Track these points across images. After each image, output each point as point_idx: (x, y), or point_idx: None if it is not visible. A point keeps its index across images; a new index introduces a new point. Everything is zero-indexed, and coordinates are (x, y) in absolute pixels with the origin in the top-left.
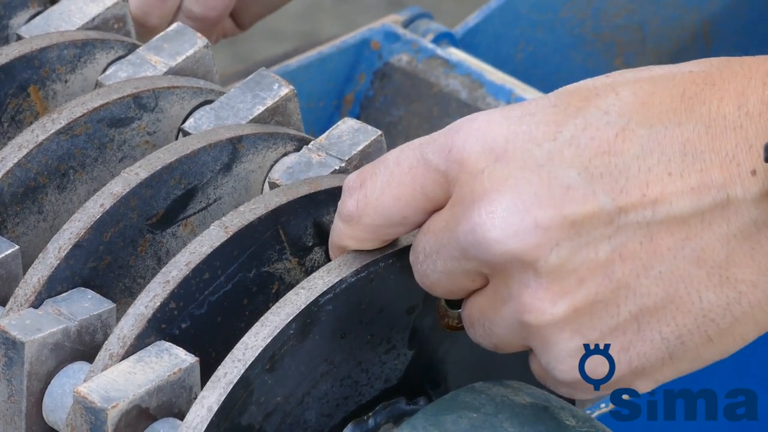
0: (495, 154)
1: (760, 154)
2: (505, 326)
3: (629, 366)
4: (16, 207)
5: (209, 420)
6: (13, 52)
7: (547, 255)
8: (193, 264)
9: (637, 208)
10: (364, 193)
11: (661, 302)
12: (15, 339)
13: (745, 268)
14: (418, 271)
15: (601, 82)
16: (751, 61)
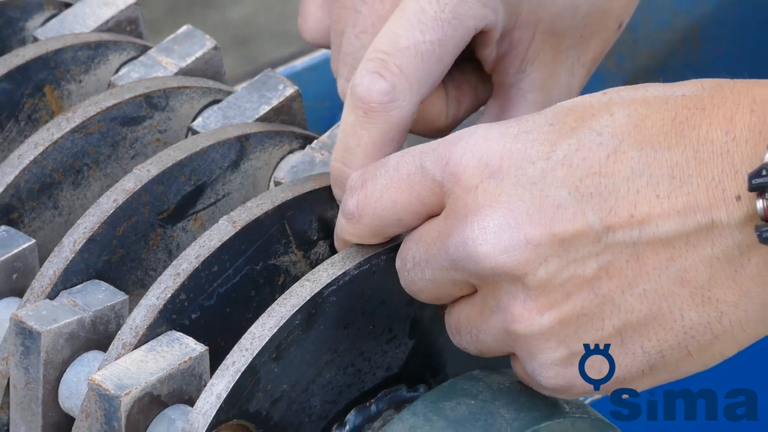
0: (490, 171)
1: (745, 180)
2: (492, 334)
3: (613, 377)
4: (32, 202)
5: (218, 406)
6: (29, 54)
7: (536, 270)
8: (203, 257)
9: (625, 228)
10: (364, 194)
11: (645, 318)
12: (32, 329)
13: (726, 290)
14: (405, 278)
15: (598, 100)
16: (741, 86)
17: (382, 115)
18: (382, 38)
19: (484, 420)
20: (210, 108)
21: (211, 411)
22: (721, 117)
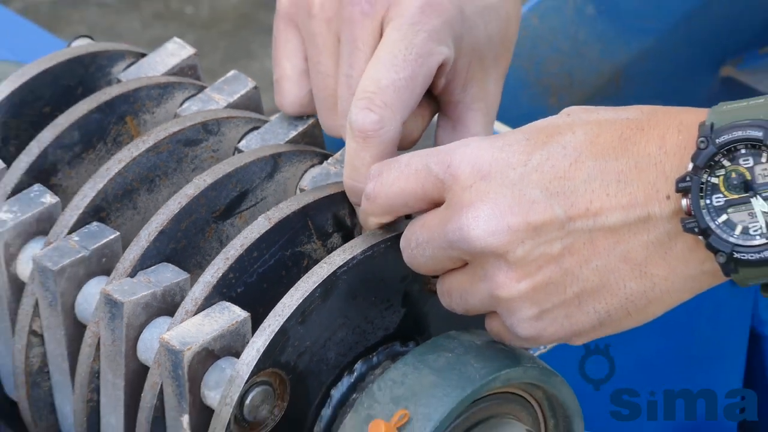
0: (481, 174)
1: (673, 184)
2: (479, 297)
3: (570, 329)
4: (117, 204)
5: (258, 358)
6: (114, 92)
7: (516, 249)
8: (246, 245)
9: (583, 219)
10: (380, 181)
11: (596, 287)
12: (116, 300)
13: (658, 266)
14: (408, 255)
15: (563, 121)
16: (671, 111)
17: (375, 139)
18: (366, 81)
19: (459, 369)
20: (251, 133)
21: (252, 362)
22: (655, 136)
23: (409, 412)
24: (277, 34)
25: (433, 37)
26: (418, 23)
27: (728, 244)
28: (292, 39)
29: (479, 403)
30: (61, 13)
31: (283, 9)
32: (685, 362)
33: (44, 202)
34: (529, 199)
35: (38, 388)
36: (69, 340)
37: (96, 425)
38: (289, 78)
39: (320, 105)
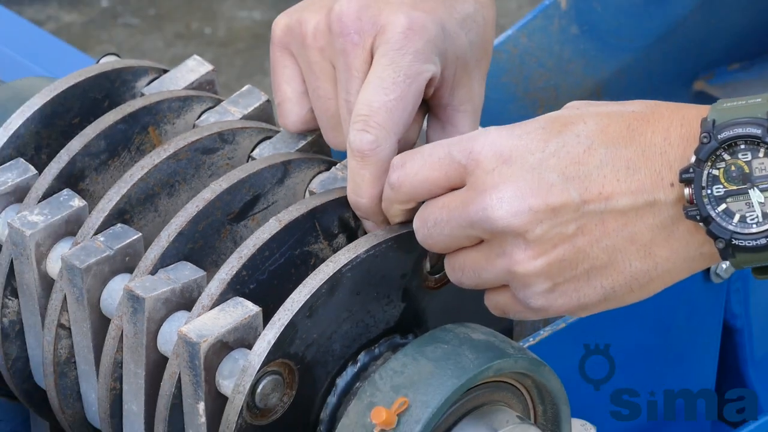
0: (503, 159)
1: (677, 173)
2: (495, 273)
3: (578, 302)
4: (139, 207)
5: (268, 350)
6: (138, 104)
7: (534, 228)
8: (258, 245)
9: (595, 202)
10: (404, 171)
11: (605, 264)
12: (138, 296)
13: (662, 248)
14: (423, 234)
15: (574, 112)
16: (673, 106)
17: (373, 158)
18: (360, 105)
19: (454, 359)
20: (264, 142)
21: (263, 353)
22: (660, 128)
23: (409, 400)
24: (274, 61)
25: (419, 57)
26: (403, 47)
27: (727, 231)
28: (289, 65)
29: (473, 391)
30: (91, 33)
31: (278, 38)
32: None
33: (73, 206)
34: (548, 183)
35: (65, 378)
36: (94, 332)
37: (119, 412)
38: (290, 100)
39: (324, 125)
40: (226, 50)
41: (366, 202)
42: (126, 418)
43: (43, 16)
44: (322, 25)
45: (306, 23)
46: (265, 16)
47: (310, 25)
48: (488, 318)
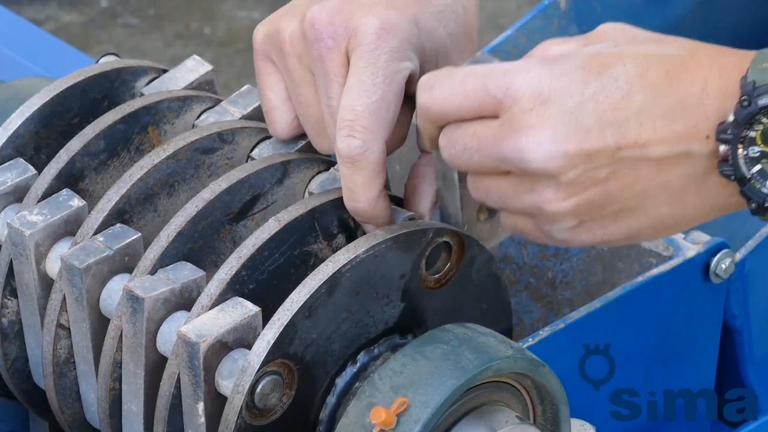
0: (541, 100)
1: (713, 125)
2: (521, 205)
3: (601, 239)
4: (139, 207)
5: (268, 350)
6: (137, 104)
7: (568, 172)
8: (257, 245)
9: (631, 148)
10: (432, 95)
11: (634, 208)
12: (138, 296)
13: (692, 196)
14: (450, 154)
15: (612, 50)
16: (712, 53)
17: (363, 161)
18: (343, 110)
19: (454, 359)
20: (263, 142)
21: (262, 353)
22: (699, 77)
23: (408, 400)
24: (258, 70)
25: (395, 56)
26: (378, 48)
27: (762, 194)
28: (272, 72)
29: (472, 392)
30: (90, 33)
31: (259, 46)
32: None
33: (72, 206)
34: (585, 128)
35: (64, 378)
36: (94, 333)
37: (118, 412)
38: (276, 108)
39: (310, 131)
40: (226, 50)
41: (363, 206)
42: (125, 419)
43: (43, 16)
44: (297, 33)
45: (283, 31)
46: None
47: (286, 33)
48: (487, 318)
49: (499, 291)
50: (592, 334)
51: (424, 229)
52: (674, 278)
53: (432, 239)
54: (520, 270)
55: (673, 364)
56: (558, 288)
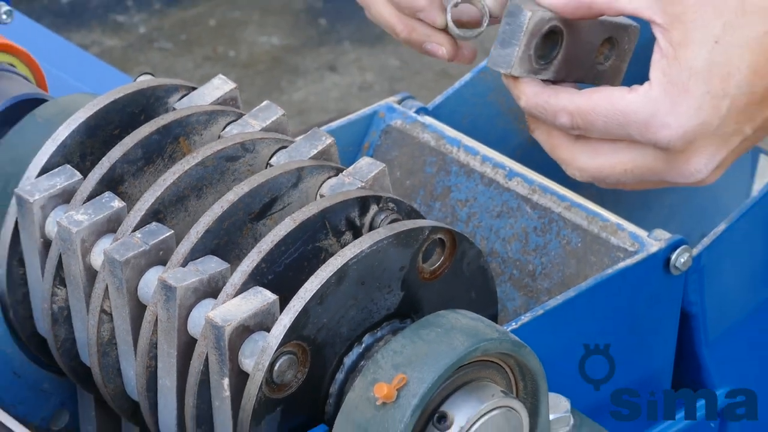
0: (689, 140)
1: None
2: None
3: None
4: (172, 208)
5: (284, 332)
6: (170, 117)
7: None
8: (275, 241)
9: (762, 124)
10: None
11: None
12: (171, 285)
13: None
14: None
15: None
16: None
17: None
18: None
19: (447, 341)
20: (280, 150)
21: (280, 335)
22: None
23: (407, 376)
24: None
25: None
26: None
27: None
28: None
29: (463, 369)
30: (130, 56)
31: None
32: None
33: (113, 206)
34: (727, 137)
35: (107, 357)
36: (132, 317)
37: (154, 386)
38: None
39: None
40: (248, 71)
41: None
42: (160, 392)
43: (88, 41)
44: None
45: None
46: (282, 42)
47: None
48: (476, 306)
49: (486, 282)
50: (567, 319)
51: (421, 227)
52: (639, 270)
53: (428, 236)
54: (504, 263)
55: (637, 345)
56: (537, 279)
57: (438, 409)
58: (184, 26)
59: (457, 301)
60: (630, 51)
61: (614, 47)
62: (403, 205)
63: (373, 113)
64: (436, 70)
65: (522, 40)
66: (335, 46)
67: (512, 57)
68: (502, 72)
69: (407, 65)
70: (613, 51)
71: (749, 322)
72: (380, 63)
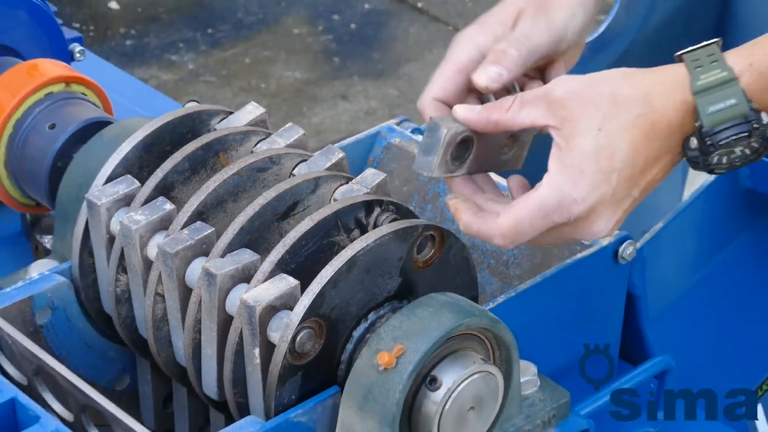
0: (591, 209)
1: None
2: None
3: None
4: (213, 210)
5: (304, 311)
6: (212, 136)
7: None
8: (297, 237)
9: (646, 185)
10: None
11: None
12: (212, 272)
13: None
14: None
15: (606, 139)
16: (661, 94)
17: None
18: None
19: (437, 318)
20: (301, 163)
21: (300, 313)
22: (664, 124)
23: (404, 347)
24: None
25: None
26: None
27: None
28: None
29: (450, 341)
30: (180, 88)
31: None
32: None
33: (165, 209)
34: (620, 200)
35: (160, 331)
36: (181, 299)
37: (198, 355)
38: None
39: None
40: (275, 99)
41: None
42: (204, 359)
43: (147, 75)
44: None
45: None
46: (303, 76)
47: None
48: (460, 289)
49: (469, 270)
50: (535, 300)
51: (416, 225)
52: (593, 261)
53: (421, 232)
54: (483, 255)
55: (591, 321)
56: (510, 267)
57: (430, 374)
58: (224, 63)
59: (445, 285)
60: (529, 141)
61: (516, 141)
62: (401, 207)
63: (376, 133)
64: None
65: (440, 150)
66: (346, 80)
67: (432, 163)
68: (425, 174)
69: (404, 95)
70: (515, 144)
71: (682, 302)
72: (382, 93)
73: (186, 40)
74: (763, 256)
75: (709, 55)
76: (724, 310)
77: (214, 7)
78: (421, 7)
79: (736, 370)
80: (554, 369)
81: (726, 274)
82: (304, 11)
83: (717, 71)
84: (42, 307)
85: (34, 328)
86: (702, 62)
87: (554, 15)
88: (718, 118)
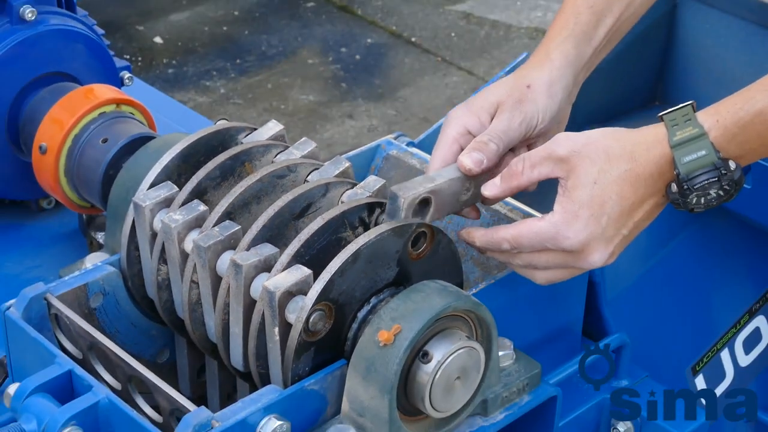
0: (584, 244)
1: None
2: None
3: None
4: (239, 211)
5: (316, 296)
6: (239, 149)
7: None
8: (310, 233)
9: (634, 225)
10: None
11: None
12: (239, 263)
13: (655, 213)
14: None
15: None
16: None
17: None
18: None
19: (428, 301)
20: (314, 171)
21: (313, 298)
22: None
23: (401, 326)
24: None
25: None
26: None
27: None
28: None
29: (439, 321)
30: (213, 108)
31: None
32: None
33: (199, 210)
34: (611, 237)
35: (195, 312)
36: (212, 286)
37: (227, 333)
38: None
39: None
40: (293, 118)
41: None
42: (232, 337)
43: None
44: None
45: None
46: (316, 98)
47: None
48: (448, 277)
49: (455, 261)
50: (510, 286)
51: (411, 223)
52: None
53: (415, 230)
54: (467, 248)
55: (558, 305)
56: (490, 258)
57: (422, 349)
58: (250, 88)
59: (435, 274)
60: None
61: (473, 182)
62: None
63: (377, 146)
64: (419, 117)
65: (401, 215)
66: (352, 102)
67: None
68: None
69: (400, 114)
70: (472, 184)
71: (635, 287)
72: (382, 112)
73: (218, 69)
74: (703, 248)
75: (683, 115)
76: (671, 294)
77: (242, 42)
78: (414, 41)
79: (681, 346)
80: (528, 344)
81: (672, 263)
82: (317, 45)
83: (690, 128)
84: (95, 293)
85: (88, 311)
86: (677, 121)
87: (529, 108)
88: (692, 167)
